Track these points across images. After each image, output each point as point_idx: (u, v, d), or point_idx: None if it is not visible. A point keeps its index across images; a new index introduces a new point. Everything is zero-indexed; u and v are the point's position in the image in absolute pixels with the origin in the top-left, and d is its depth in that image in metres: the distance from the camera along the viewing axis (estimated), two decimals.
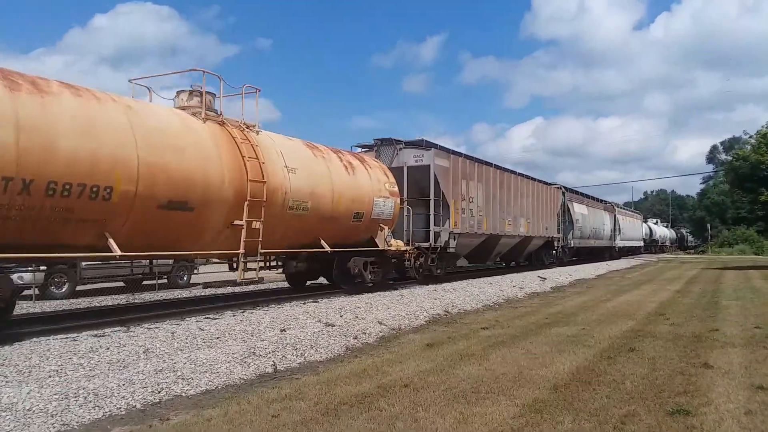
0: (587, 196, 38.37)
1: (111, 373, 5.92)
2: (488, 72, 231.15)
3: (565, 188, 32.52)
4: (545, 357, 7.16)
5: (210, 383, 6.00)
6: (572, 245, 31.82)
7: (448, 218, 17.47)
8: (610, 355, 7.25)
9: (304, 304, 11.36)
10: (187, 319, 9.29)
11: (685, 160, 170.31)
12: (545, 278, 20.01)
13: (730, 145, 73.14)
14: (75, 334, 7.74)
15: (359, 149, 17.63)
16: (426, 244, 16.91)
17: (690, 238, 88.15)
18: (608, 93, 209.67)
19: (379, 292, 13.61)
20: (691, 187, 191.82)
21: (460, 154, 19.64)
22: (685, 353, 7.44)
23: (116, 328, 8.26)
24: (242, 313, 10.13)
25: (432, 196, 17.00)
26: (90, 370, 6.02)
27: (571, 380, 6.00)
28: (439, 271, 17.61)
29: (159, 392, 5.58)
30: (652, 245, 64.04)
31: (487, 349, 7.65)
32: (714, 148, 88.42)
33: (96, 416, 4.93)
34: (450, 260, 18.90)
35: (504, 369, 6.50)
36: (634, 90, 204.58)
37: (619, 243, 43.93)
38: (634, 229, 51.22)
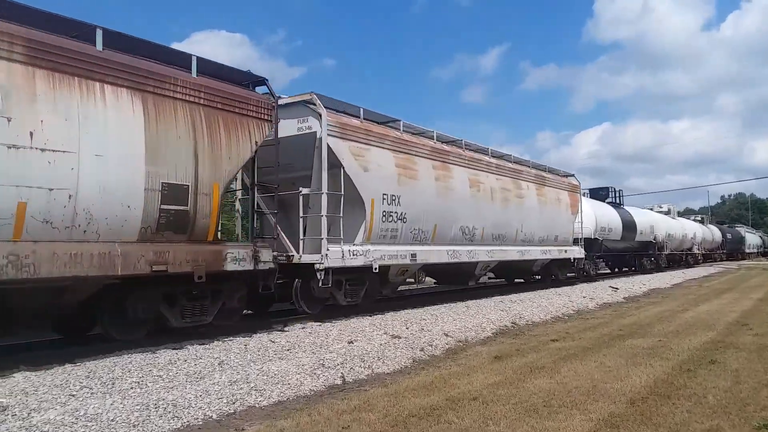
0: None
1: (188, 385, 6.14)
2: (550, 80, 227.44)
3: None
4: (620, 370, 6.92)
5: (282, 394, 6.13)
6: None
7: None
8: (689, 368, 6.94)
9: (370, 316, 11.43)
10: (259, 331, 9.52)
11: (764, 161, 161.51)
12: (617, 288, 19.38)
13: None
14: (154, 347, 8.07)
15: None
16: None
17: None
18: (677, 94, 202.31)
19: (444, 304, 13.55)
20: None
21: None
22: None
23: (192, 341, 8.56)
24: (311, 325, 10.30)
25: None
26: (169, 381, 6.27)
27: (649, 394, 5.77)
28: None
29: (233, 403, 5.74)
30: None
31: (557, 362, 7.47)
32: None
33: (175, 426, 5.12)
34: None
35: (576, 382, 6.33)
36: (705, 91, 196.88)
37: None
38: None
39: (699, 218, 53.08)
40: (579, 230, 21.68)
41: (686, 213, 67.99)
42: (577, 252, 21.42)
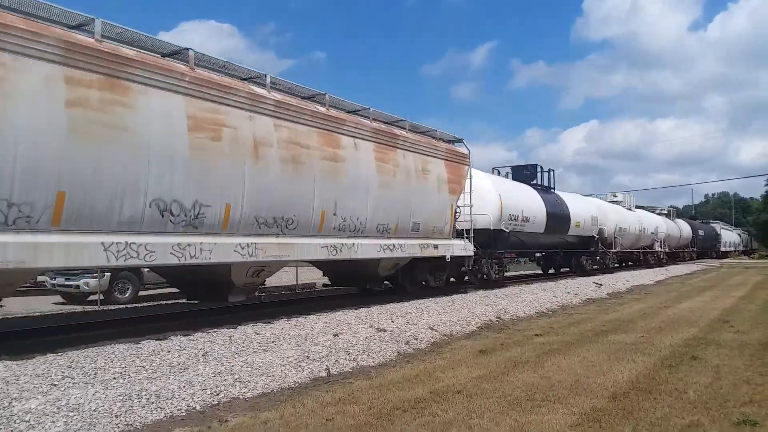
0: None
1: (172, 376, 6.11)
2: (539, 78, 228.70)
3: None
4: (603, 365, 6.98)
5: (266, 386, 6.11)
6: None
7: None
8: (671, 364, 7.02)
9: (356, 309, 11.43)
10: (244, 323, 9.49)
11: (749, 161, 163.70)
12: (601, 284, 19.53)
13: None
14: (138, 338, 8.01)
15: None
16: None
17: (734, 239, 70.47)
18: (665, 94, 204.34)
19: (430, 298, 13.58)
20: (755, 189, 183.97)
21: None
22: (751, 362, 7.13)
23: (176, 332, 8.50)
24: (296, 317, 10.28)
25: None
26: (152, 372, 6.23)
27: (631, 389, 5.83)
28: None
29: (217, 394, 5.72)
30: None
31: (541, 357, 7.52)
32: None
33: (158, 417, 5.09)
34: None
35: (560, 377, 6.37)
36: (692, 91, 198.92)
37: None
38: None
39: (665, 211, 44.80)
40: (469, 217, 15.65)
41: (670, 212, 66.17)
42: (461, 248, 15.33)
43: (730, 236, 67.58)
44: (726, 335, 9.16)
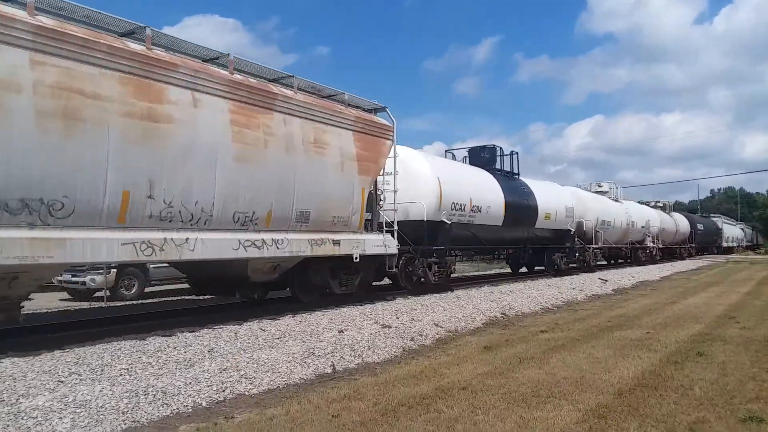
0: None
1: (178, 372, 6.13)
2: (543, 72, 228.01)
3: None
4: (608, 361, 6.97)
5: (272, 382, 6.14)
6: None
7: None
8: (677, 360, 7.00)
9: (361, 305, 11.45)
10: (249, 319, 9.52)
11: (754, 155, 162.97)
12: (606, 280, 19.51)
13: None
14: (144, 334, 8.04)
15: None
16: None
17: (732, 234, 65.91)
18: (669, 88, 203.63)
19: (434, 294, 13.58)
20: (761, 184, 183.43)
21: None
22: (757, 358, 7.11)
23: (182, 329, 8.54)
24: (301, 314, 10.30)
25: None
26: (158, 368, 6.25)
27: (637, 385, 5.82)
28: None
29: (223, 391, 5.74)
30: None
31: (546, 353, 7.52)
32: None
33: (164, 413, 5.11)
34: None
35: (565, 373, 6.37)
36: (697, 85, 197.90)
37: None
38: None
39: (660, 204, 41.50)
40: (393, 206, 12.74)
41: (675, 207, 59.93)
42: (376, 244, 12.11)
43: (732, 231, 64.87)
44: (732, 331, 9.13)
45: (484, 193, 17.28)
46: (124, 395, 5.29)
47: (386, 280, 14.74)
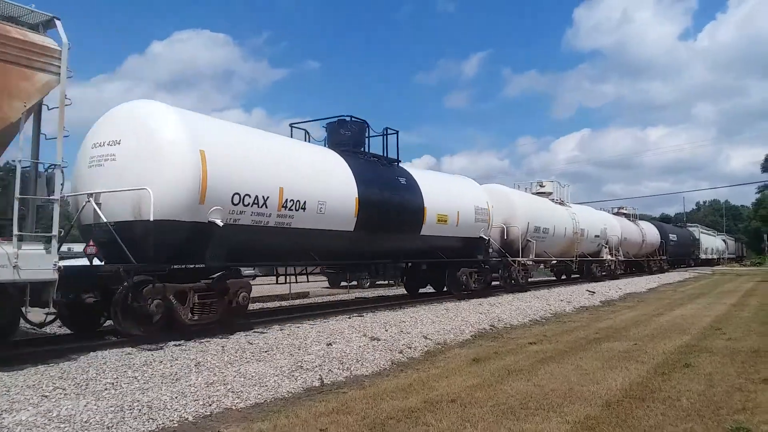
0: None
1: (164, 386, 6.06)
2: (531, 86, 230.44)
3: None
4: (596, 373, 6.99)
5: (259, 396, 6.08)
6: None
7: None
8: (664, 371, 7.04)
9: (349, 318, 11.40)
10: (237, 332, 9.45)
11: (739, 169, 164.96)
12: (594, 292, 19.60)
13: None
14: (129, 348, 7.96)
15: None
16: None
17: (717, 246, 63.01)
18: (656, 103, 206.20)
19: (423, 306, 13.57)
20: (745, 197, 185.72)
21: None
22: (744, 369, 7.16)
23: (168, 342, 8.45)
24: (289, 327, 10.24)
25: None
26: (144, 383, 6.18)
27: (624, 397, 5.84)
28: None
29: (210, 405, 5.68)
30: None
31: (535, 365, 7.52)
32: None
33: (150, 428, 5.04)
34: None
35: (553, 385, 6.38)
36: (682, 99, 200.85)
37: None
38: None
39: (625, 211, 36.06)
40: (61, 191, 7.50)
41: (661, 220, 59.48)
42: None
43: (712, 242, 60.11)
44: (718, 342, 9.20)
45: (313, 181, 11.46)
46: (109, 410, 5.22)
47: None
